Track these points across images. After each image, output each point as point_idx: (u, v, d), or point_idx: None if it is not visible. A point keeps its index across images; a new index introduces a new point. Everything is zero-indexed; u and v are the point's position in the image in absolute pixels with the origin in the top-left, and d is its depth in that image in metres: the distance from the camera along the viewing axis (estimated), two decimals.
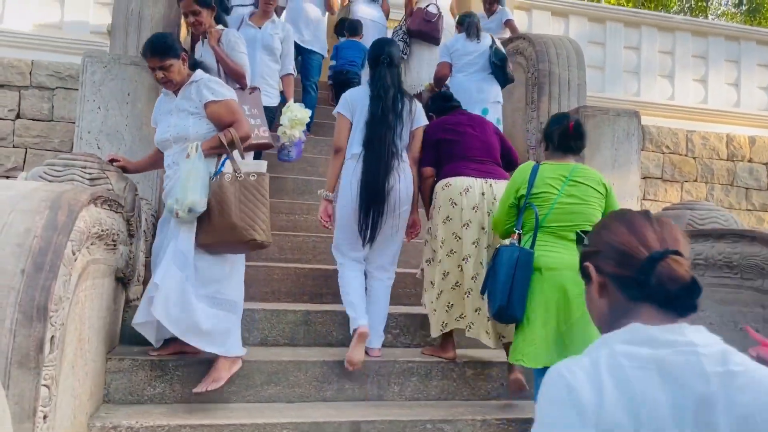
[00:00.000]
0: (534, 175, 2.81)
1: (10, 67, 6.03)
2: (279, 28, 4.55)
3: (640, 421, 0.95)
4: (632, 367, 0.98)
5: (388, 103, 3.27)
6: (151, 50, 2.91)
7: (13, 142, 5.99)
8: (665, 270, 1.01)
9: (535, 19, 8.04)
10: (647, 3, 18.79)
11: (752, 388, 0.97)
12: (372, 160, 3.20)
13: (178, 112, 2.94)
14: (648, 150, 7.81)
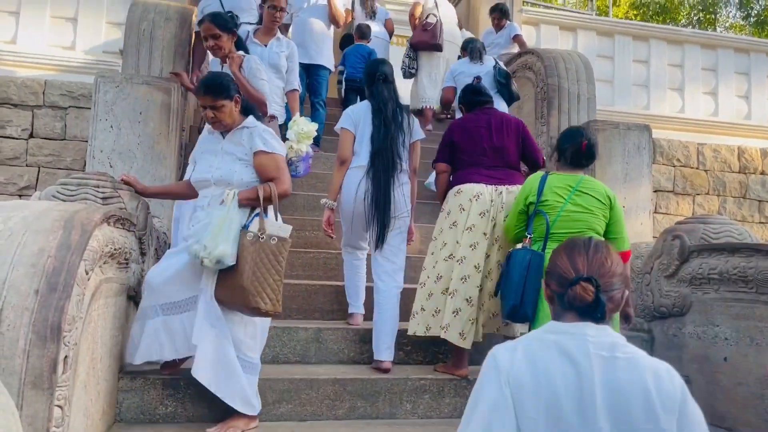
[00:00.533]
0: (543, 185, 3.01)
1: (24, 87, 6.11)
2: (284, 46, 4.51)
3: (539, 382, 1.35)
4: (539, 347, 1.41)
5: (389, 115, 3.52)
6: (204, 88, 2.85)
7: (26, 161, 6.04)
8: (573, 293, 1.43)
9: (544, 34, 8.06)
10: (655, 16, 18.82)
11: (628, 369, 1.34)
12: (379, 171, 3.42)
13: (223, 154, 2.86)
14: (659, 163, 7.77)
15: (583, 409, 1.33)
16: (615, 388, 1.34)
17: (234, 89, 2.89)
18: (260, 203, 2.74)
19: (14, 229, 1.99)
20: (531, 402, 1.35)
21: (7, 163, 5.99)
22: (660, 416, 1.33)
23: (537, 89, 5.69)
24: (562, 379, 1.36)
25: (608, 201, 3.01)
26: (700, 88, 8.32)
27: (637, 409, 1.33)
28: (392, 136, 3.48)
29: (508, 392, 1.37)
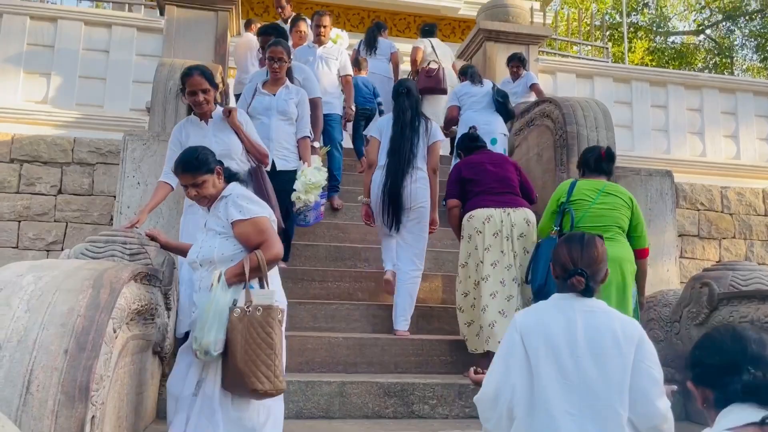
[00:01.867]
0: (572, 188, 3.55)
1: (54, 144, 6.29)
2: (293, 93, 4.46)
3: (540, 327, 2.03)
4: (543, 308, 2.14)
5: (407, 121, 4.19)
6: (182, 167, 2.71)
7: (55, 217, 6.18)
8: (570, 282, 2.10)
9: (560, 82, 8.14)
10: (671, 61, 18.93)
11: (602, 318, 2.04)
12: (393, 167, 4.12)
13: (207, 231, 2.72)
14: (683, 207, 7.70)
15: (569, 341, 1.99)
16: (592, 328, 2.01)
17: (213, 161, 2.76)
18: (246, 277, 2.52)
19: (45, 288, 2.02)
20: (534, 339, 2.02)
21: (36, 218, 6.13)
22: (623, 346, 1.97)
23: (556, 137, 5.72)
24: (556, 324, 2.04)
25: (630, 203, 3.51)
26: (721, 131, 8.29)
27: (607, 341, 1.98)
28: (408, 137, 4.13)
29: (518, 337, 2.04)
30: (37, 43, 6.65)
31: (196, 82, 3.50)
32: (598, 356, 1.96)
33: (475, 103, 5.92)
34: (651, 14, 20.62)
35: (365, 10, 11.22)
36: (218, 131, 3.60)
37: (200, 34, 6.74)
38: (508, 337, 2.08)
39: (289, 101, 4.36)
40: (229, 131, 3.60)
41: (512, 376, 2.00)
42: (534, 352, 1.99)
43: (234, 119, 3.61)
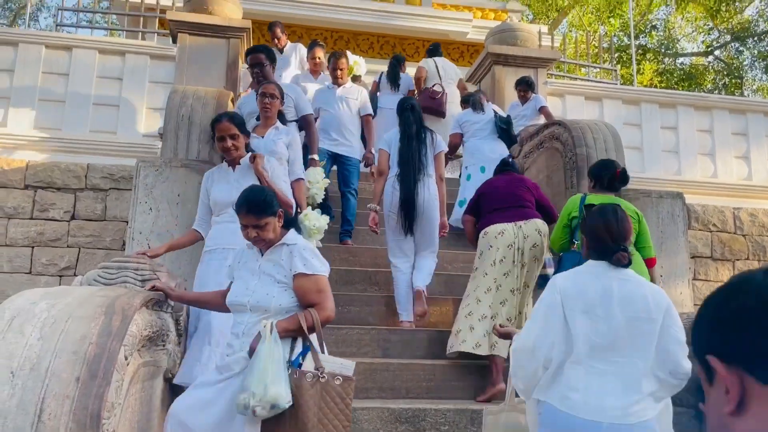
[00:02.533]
0: (583, 203, 3.78)
1: (68, 171, 6.37)
2: (283, 134, 4.24)
3: (578, 289, 2.31)
4: (581, 272, 2.40)
5: (413, 133, 4.58)
6: (247, 207, 2.60)
7: (68, 242, 6.23)
8: (615, 258, 2.35)
9: (569, 104, 8.16)
10: (680, 83, 18.95)
11: (636, 285, 2.34)
12: (405, 176, 4.47)
13: (261, 274, 2.59)
14: (695, 229, 7.65)
15: (604, 305, 2.27)
16: (625, 294, 2.29)
17: (277, 204, 2.68)
18: (306, 334, 2.46)
19: (58, 316, 2.04)
20: (572, 301, 2.29)
21: (50, 244, 6.18)
22: (653, 311, 2.27)
23: (566, 159, 5.72)
24: (593, 289, 2.31)
25: (637, 216, 3.77)
26: (732, 152, 8.26)
27: (639, 307, 2.27)
28: (416, 149, 4.51)
29: (559, 298, 2.31)
30: (52, 71, 6.77)
31: (225, 127, 3.52)
32: (630, 320, 2.25)
33: (478, 130, 6.07)
34: (659, 36, 20.71)
35: (374, 35, 11.35)
36: (242, 178, 3.54)
37: (212, 61, 6.84)
38: (548, 297, 2.36)
39: (278, 142, 4.16)
40: (253, 178, 3.52)
41: (551, 332, 2.28)
42: (571, 313, 2.28)
43: (258, 166, 3.52)
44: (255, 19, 8.15)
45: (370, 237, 5.77)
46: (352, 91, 5.83)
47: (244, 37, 7.03)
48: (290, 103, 4.78)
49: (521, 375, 2.36)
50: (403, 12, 11.11)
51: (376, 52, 11.43)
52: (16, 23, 20.54)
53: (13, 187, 6.22)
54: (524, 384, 2.36)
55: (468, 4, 12.60)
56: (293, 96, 4.86)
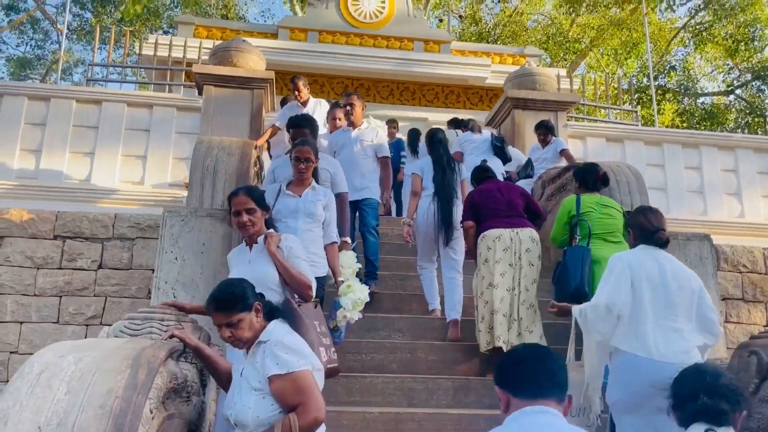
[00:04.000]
0: (579, 203, 4.42)
1: (96, 221, 6.49)
2: (320, 195, 4.10)
3: (640, 265, 3.06)
4: (639, 252, 3.16)
5: (445, 163, 5.29)
6: (215, 304, 2.41)
7: (94, 291, 6.31)
8: (658, 236, 3.17)
9: (590, 146, 8.16)
10: (702, 122, 18.87)
11: (678, 262, 3.16)
12: (444, 200, 5.15)
13: (242, 381, 2.38)
14: (724, 270, 7.49)
15: (661, 275, 3.03)
16: (674, 269, 3.07)
17: (252, 295, 2.47)
18: None
19: (85, 369, 2.05)
20: (638, 271, 3.03)
21: (77, 293, 6.26)
22: (692, 283, 3.07)
23: None
24: (651, 264, 3.06)
25: (621, 209, 4.48)
26: (758, 191, 8.15)
27: (684, 279, 3.06)
28: (449, 177, 5.24)
29: (627, 268, 3.03)
30: (82, 124, 6.99)
31: (242, 201, 3.27)
32: (680, 288, 3.03)
33: (475, 149, 6.74)
34: (679, 76, 20.74)
35: (394, 82, 11.55)
36: (257, 259, 3.30)
37: (236, 111, 7.00)
38: (619, 266, 3.06)
39: (316, 203, 4.01)
40: (268, 258, 3.26)
41: (622, 293, 2.99)
42: (638, 280, 3.02)
43: (269, 246, 3.25)
44: (277, 69, 8.36)
45: (393, 282, 5.76)
46: (367, 133, 5.77)
47: (268, 87, 7.20)
48: (326, 176, 4.55)
49: (599, 328, 3.00)
50: (422, 59, 11.32)
51: (396, 99, 11.62)
52: (49, 77, 21.32)
53: (43, 237, 6.35)
54: (603, 335, 3.01)
55: (486, 50, 12.81)
56: (331, 171, 4.63)
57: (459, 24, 21.61)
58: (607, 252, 3.98)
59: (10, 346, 5.98)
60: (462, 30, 21.24)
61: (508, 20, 20.76)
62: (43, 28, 21.93)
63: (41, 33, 21.93)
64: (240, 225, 3.30)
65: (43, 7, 21.00)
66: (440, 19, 21.63)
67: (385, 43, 11.58)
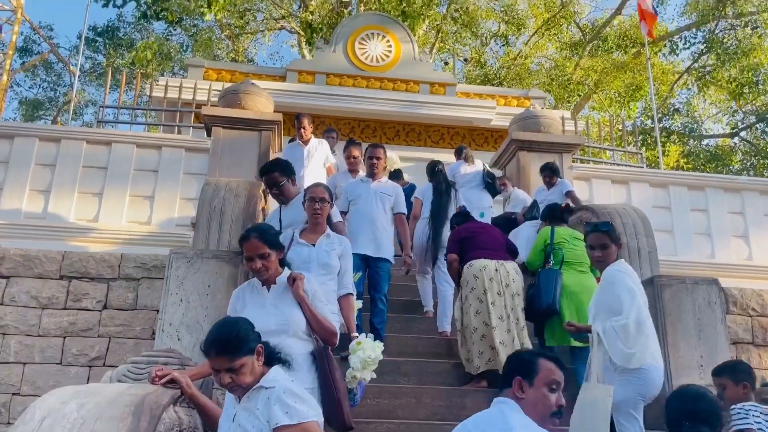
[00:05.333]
0: (553, 234, 5.07)
1: (102, 261, 6.51)
2: (336, 243, 3.87)
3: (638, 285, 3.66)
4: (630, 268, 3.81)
5: (443, 190, 6.08)
6: (217, 348, 2.25)
7: (98, 332, 6.27)
8: None
9: (596, 188, 8.17)
10: (707, 164, 18.92)
11: None
12: (437, 222, 5.90)
13: (236, 428, 2.25)
14: (734, 313, 7.41)
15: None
16: None
17: (254, 338, 2.34)
18: None
19: (87, 416, 2.03)
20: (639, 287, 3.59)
21: (81, 334, 6.23)
22: None
23: None
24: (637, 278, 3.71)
25: (584, 241, 4.63)
26: (766, 234, 8.10)
27: None
28: (445, 202, 5.99)
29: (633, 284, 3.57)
30: (91, 165, 7.06)
31: (254, 246, 3.04)
32: None
33: (467, 182, 6.98)
34: (683, 118, 20.90)
35: (400, 123, 11.67)
36: (279, 300, 3.08)
37: (244, 153, 7.08)
38: (627, 283, 3.56)
39: (331, 253, 3.77)
40: (292, 302, 3.05)
41: (643, 309, 3.51)
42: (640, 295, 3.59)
43: (298, 290, 3.04)
44: (285, 111, 8.47)
45: (399, 324, 5.71)
46: (387, 188, 5.46)
47: (276, 129, 7.29)
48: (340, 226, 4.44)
49: (632, 344, 3.41)
50: (428, 101, 11.45)
51: (402, 140, 11.72)
52: (60, 118, 21.66)
53: (49, 277, 6.35)
54: (639, 350, 3.42)
55: (491, 92, 12.97)
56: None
57: (464, 67, 21.94)
58: (574, 279, 4.81)
59: (13, 387, 5.93)
60: (467, 72, 21.57)
61: (512, 63, 21.08)
62: (56, 70, 22.40)
63: (54, 75, 22.38)
64: (255, 271, 3.09)
65: (56, 49, 21.49)
66: (446, 62, 21.99)
67: (391, 86, 11.74)
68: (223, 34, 21.42)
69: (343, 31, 12.19)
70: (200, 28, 20.12)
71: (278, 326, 2.92)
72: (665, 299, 4.62)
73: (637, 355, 3.42)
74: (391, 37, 12.13)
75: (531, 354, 2.28)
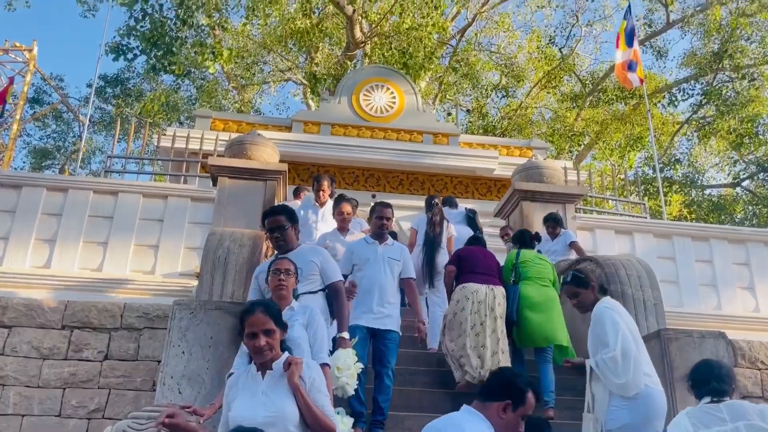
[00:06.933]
0: (518, 255, 5.78)
1: (105, 311, 6.48)
2: (299, 314, 3.53)
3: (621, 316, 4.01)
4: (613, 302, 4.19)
5: (436, 222, 6.75)
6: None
7: (99, 383, 6.20)
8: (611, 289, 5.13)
9: (599, 238, 8.16)
10: (710, 214, 18.96)
11: None
12: (429, 250, 6.57)
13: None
14: (742, 366, 7.29)
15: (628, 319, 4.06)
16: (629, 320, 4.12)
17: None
18: None
19: None
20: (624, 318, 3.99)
21: (81, 386, 6.16)
22: None
23: None
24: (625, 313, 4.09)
25: (551, 265, 5.84)
26: None
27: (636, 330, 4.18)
28: (438, 233, 6.67)
29: (617, 316, 3.93)
30: (97, 214, 7.11)
31: (259, 321, 2.75)
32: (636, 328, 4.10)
33: (452, 219, 7.48)
34: (685, 168, 21.04)
35: (404, 173, 11.79)
36: (272, 389, 2.75)
37: (249, 202, 7.12)
38: (612, 316, 3.93)
39: (294, 325, 3.39)
40: (287, 391, 2.73)
41: (627, 339, 3.83)
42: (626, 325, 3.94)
43: (293, 376, 2.72)
44: (291, 161, 8.57)
45: (402, 377, 5.63)
46: (395, 251, 5.06)
47: (281, 179, 7.36)
48: (314, 269, 4.06)
49: (622, 374, 3.77)
50: (431, 151, 11.60)
51: (406, 189, 11.81)
52: (68, 166, 21.92)
53: (51, 327, 6.32)
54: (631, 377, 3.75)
55: (494, 142, 13.13)
56: (317, 261, 4.11)
57: (466, 117, 22.27)
58: (536, 291, 5.52)
59: None
60: (469, 123, 21.87)
61: (513, 114, 21.39)
62: (66, 119, 22.78)
63: (63, 124, 22.76)
64: (257, 350, 2.76)
65: (66, 99, 21.91)
66: (448, 112, 22.34)
67: (395, 136, 11.91)
68: (231, 85, 21.87)
69: (347, 83, 12.44)
70: (207, 80, 20.56)
71: (266, 419, 2.61)
72: (672, 353, 4.57)
73: (630, 382, 3.77)
74: (395, 88, 12.37)
75: (524, 384, 2.62)
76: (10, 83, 14.46)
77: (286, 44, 19.39)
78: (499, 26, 21.61)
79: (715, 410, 3.29)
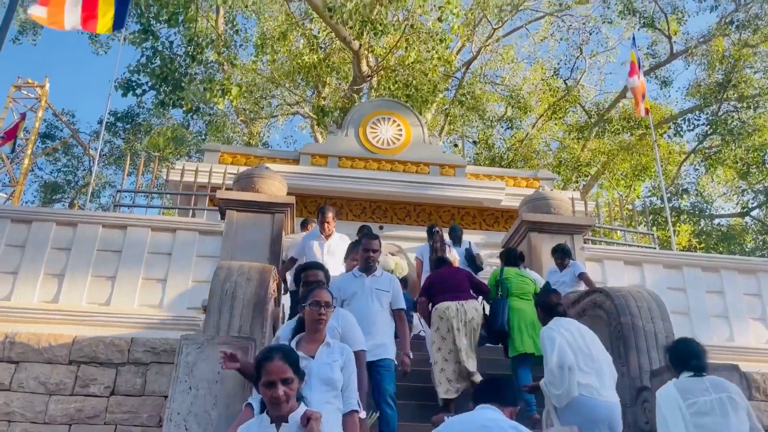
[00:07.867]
0: (502, 272, 6.32)
1: (112, 345, 6.45)
2: (337, 353, 3.40)
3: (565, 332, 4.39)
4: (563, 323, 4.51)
5: (437, 247, 7.15)
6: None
7: (105, 419, 6.14)
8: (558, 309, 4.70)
9: (608, 269, 8.11)
10: (720, 243, 18.84)
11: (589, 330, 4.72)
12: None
13: None
14: (756, 399, 7.15)
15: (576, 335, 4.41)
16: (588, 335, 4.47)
17: None
18: None
19: None
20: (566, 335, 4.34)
21: (87, 422, 6.10)
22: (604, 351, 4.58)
23: (611, 328, 5.59)
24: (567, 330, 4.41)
25: (533, 281, 6.36)
26: None
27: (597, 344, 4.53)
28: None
29: (557, 333, 4.34)
30: (106, 248, 7.13)
31: (278, 369, 2.59)
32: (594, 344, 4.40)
33: None
34: (693, 198, 20.98)
35: (411, 204, 11.81)
36: None
37: (257, 235, 7.14)
38: (550, 335, 4.29)
39: (333, 365, 3.29)
40: None
41: (563, 351, 4.16)
42: (565, 340, 4.23)
43: None
44: (298, 193, 8.62)
45: (410, 412, 5.56)
46: (383, 282, 5.00)
47: (288, 211, 7.39)
48: (333, 335, 3.78)
49: (559, 384, 4.09)
50: (438, 182, 11.64)
51: (413, 220, 11.82)
52: (77, 200, 22.09)
53: (58, 362, 6.29)
54: (566, 387, 4.04)
55: (500, 173, 13.17)
56: (339, 326, 3.96)
57: (473, 148, 22.38)
58: (521, 304, 6.00)
59: None
60: (476, 154, 21.97)
61: (519, 145, 21.48)
62: (76, 154, 23.04)
63: (74, 159, 23.01)
64: (274, 401, 2.57)
65: (77, 134, 22.19)
66: (455, 144, 22.47)
67: (402, 168, 11.97)
68: (239, 119, 22.12)
69: (354, 116, 12.56)
70: (216, 114, 20.81)
71: None
72: None
73: (565, 391, 4.06)
74: (402, 121, 12.47)
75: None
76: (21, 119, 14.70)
77: (293, 79, 19.66)
78: (503, 59, 21.85)
79: (699, 383, 3.76)
